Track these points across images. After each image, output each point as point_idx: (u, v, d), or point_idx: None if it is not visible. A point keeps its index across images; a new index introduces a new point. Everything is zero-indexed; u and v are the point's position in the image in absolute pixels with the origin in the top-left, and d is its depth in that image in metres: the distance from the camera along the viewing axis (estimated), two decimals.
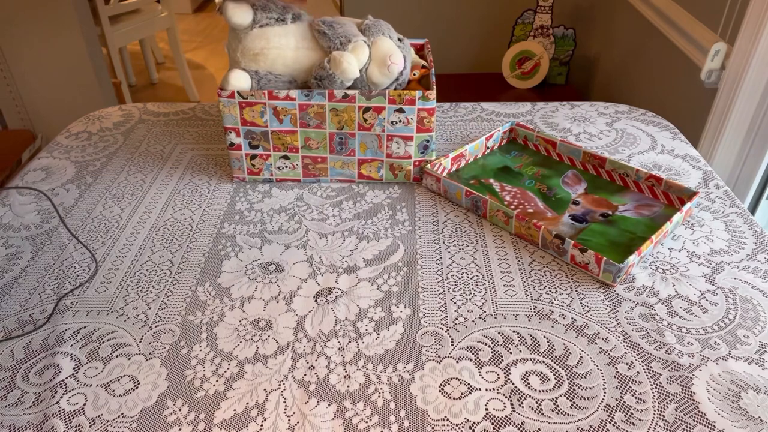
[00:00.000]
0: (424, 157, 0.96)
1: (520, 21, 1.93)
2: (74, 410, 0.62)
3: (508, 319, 0.72)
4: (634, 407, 0.61)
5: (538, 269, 0.80)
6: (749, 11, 1.07)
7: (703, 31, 1.24)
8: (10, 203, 0.96)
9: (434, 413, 0.61)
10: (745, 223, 0.88)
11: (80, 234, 0.88)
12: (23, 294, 0.77)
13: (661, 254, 0.82)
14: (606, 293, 0.76)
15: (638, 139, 1.11)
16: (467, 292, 0.76)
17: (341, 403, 0.62)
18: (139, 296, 0.76)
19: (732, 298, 0.74)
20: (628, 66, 1.68)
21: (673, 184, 0.90)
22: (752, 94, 1.10)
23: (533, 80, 1.94)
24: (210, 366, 0.66)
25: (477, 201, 0.89)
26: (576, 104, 1.25)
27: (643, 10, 1.55)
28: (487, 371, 0.65)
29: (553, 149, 1.04)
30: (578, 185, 0.96)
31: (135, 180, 1.01)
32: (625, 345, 0.68)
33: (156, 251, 0.84)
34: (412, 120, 0.92)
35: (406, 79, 0.95)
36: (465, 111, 1.23)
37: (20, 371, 0.66)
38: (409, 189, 0.98)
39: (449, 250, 0.84)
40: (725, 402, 0.61)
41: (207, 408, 0.62)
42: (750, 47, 1.07)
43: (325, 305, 0.74)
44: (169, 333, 0.71)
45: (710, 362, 0.66)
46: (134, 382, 0.65)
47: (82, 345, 0.69)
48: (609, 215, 0.89)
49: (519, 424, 0.60)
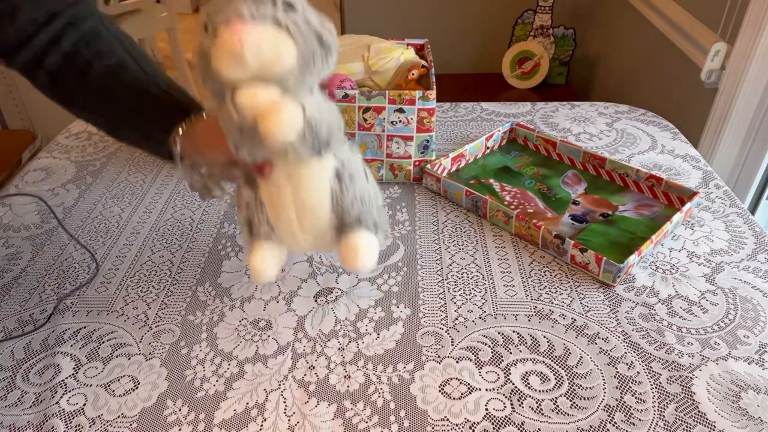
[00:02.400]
0: (424, 157, 0.96)
1: (520, 21, 1.93)
2: (74, 410, 0.62)
3: (508, 319, 0.72)
4: (634, 407, 0.61)
5: (538, 269, 0.80)
6: (749, 11, 1.07)
7: (703, 31, 1.24)
8: (10, 203, 0.96)
9: (434, 413, 0.61)
10: (745, 223, 0.88)
11: (80, 234, 0.88)
12: (23, 294, 0.77)
13: (661, 254, 0.82)
14: (606, 293, 0.76)
15: (638, 139, 1.11)
16: (467, 292, 0.76)
17: (341, 403, 0.62)
18: (139, 296, 0.76)
19: (732, 298, 0.74)
20: (628, 66, 1.68)
21: (673, 184, 0.90)
22: (752, 94, 1.10)
23: (533, 80, 1.94)
24: (210, 366, 0.66)
25: (477, 201, 0.89)
26: (576, 104, 1.25)
27: (643, 10, 1.55)
28: (487, 371, 0.65)
29: (553, 149, 1.04)
30: (578, 185, 0.96)
31: (135, 180, 1.01)
32: (625, 345, 0.68)
33: (156, 251, 0.84)
34: (412, 120, 0.92)
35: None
36: (465, 111, 1.23)
37: (20, 371, 0.66)
38: (409, 189, 0.98)
39: (449, 250, 0.84)
40: (725, 402, 0.61)
41: (207, 408, 0.62)
42: (750, 47, 1.07)
43: (325, 305, 0.74)
44: (169, 333, 0.71)
45: (710, 362, 0.66)
46: (134, 382, 0.65)
47: (82, 345, 0.69)
48: (609, 215, 0.89)
49: (519, 424, 0.60)
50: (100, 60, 0.64)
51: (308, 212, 0.62)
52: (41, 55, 0.63)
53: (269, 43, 0.51)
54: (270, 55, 0.51)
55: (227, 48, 0.50)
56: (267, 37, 0.51)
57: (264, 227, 0.64)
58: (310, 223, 0.63)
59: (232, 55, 0.50)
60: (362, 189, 0.64)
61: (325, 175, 0.62)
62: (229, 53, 0.50)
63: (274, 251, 0.66)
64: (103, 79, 0.64)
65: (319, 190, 0.62)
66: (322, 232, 0.64)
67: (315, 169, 0.61)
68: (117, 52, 0.65)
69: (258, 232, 0.65)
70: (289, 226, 0.63)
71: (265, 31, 0.51)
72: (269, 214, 0.64)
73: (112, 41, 0.66)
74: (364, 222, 0.64)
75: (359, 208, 0.64)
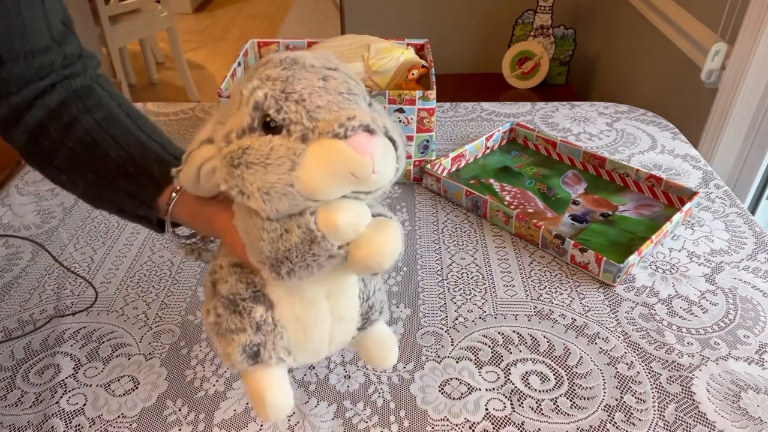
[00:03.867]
0: (424, 157, 0.96)
1: (520, 21, 1.93)
2: (74, 410, 0.62)
3: (508, 319, 0.72)
4: (634, 407, 0.61)
5: (538, 269, 0.80)
6: (749, 11, 1.07)
7: (703, 31, 1.24)
8: (10, 203, 0.96)
9: (434, 413, 0.61)
10: (745, 223, 0.88)
11: (80, 234, 0.88)
12: (23, 294, 0.77)
13: (661, 254, 0.82)
14: (606, 293, 0.76)
15: (638, 139, 1.11)
16: (467, 292, 0.76)
17: (341, 403, 0.62)
18: (139, 296, 0.76)
19: (732, 298, 0.74)
20: (629, 66, 1.68)
21: (673, 184, 0.90)
22: (752, 94, 1.10)
23: (533, 80, 1.94)
24: (210, 366, 0.66)
25: (477, 201, 0.89)
26: (576, 104, 1.25)
27: (643, 10, 1.55)
28: (487, 371, 0.65)
29: (553, 149, 1.04)
30: (578, 185, 0.96)
31: None
32: (625, 345, 0.68)
33: (156, 251, 0.84)
34: (412, 120, 0.92)
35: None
36: (465, 111, 1.23)
37: (20, 371, 0.66)
38: (409, 189, 0.98)
39: (449, 250, 0.84)
40: (725, 402, 0.61)
41: (207, 408, 0.62)
42: (750, 47, 1.07)
43: None
44: (169, 333, 0.71)
45: (710, 362, 0.66)
46: (134, 382, 0.65)
47: (82, 345, 0.69)
48: (609, 215, 0.89)
49: (519, 424, 0.60)
50: (89, 114, 0.57)
51: (344, 324, 0.51)
52: (22, 110, 0.56)
53: (388, 159, 0.41)
54: (387, 171, 0.41)
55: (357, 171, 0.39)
56: (386, 149, 0.41)
57: (281, 354, 0.50)
58: (342, 336, 0.52)
59: (365, 177, 0.39)
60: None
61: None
62: (362, 177, 0.39)
63: (285, 376, 0.52)
64: (90, 132, 0.56)
65: (354, 295, 0.51)
66: (346, 339, 0.53)
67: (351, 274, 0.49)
68: (109, 105, 0.58)
69: (267, 360, 0.49)
70: (317, 347, 0.51)
71: (384, 142, 0.41)
72: (292, 337, 0.49)
73: (103, 97, 0.59)
74: (383, 312, 0.54)
75: (380, 297, 0.53)
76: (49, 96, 0.56)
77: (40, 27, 0.55)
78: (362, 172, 0.39)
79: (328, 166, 0.39)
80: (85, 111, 0.57)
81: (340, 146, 0.38)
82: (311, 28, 3.87)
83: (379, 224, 0.44)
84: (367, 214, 0.44)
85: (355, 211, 0.43)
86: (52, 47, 0.56)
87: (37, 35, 0.55)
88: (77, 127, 0.56)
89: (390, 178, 0.42)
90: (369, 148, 0.39)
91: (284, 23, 4.04)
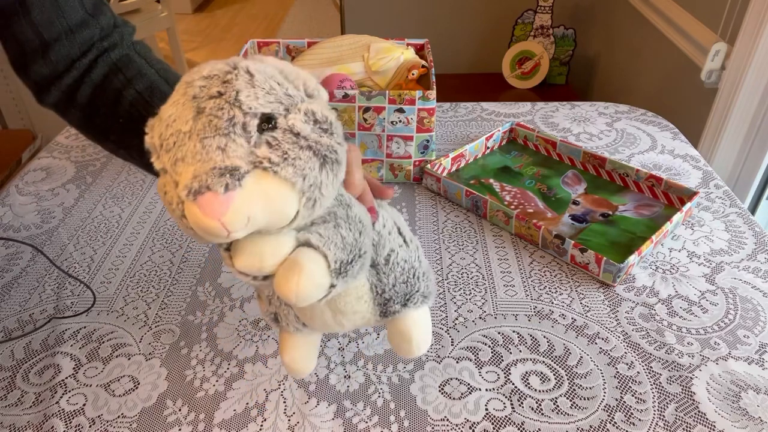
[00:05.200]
0: (424, 157, 0.96)
1: (520, 21, 1.93)
2: (74, 410, 0.62)
3: (508, 319, 0.72)
4: (634, 407, 0.61)
5: (538, 269, 0.80)
6: (749, 11, 1.07)
7: (703, 31, 1.24)
8: (10, 203, 0.96)
9: (434, 413, 0.61)
10: (745, 223, 0.88)
11: (80, 234, 0.88)
12: (23, 294, 0.77)
13: (661, 254, 0.82)
14: (606, 293, 0.76)
15: (638, 139, 1.11)
16: (467, 292, 0.76)
17: (341, 403, 0.62)
18: (139, 296, 0.76)
19: (732, 298, 0.74)
20: (628, 66, 1.68)
21: (673, 184, 0.90)
22: (752, 94, 1.10)
23: (533, 80, 1.94)
24: (210, 366, 0.66)
25: (477, 201, 0.89)
26: (576, 104, 1.25)
27: (643, 10, 1.55)
28: (487, 371, 0.65)
29: (553, 149, 1.04)
30: (578, 185, 0.96)
31: (135, 180, 1.01)
32: (625, 345, 0.68)
33: (156, 251, 0.84)
34: (412, 120, 0.92)
35: None
36: (465, 111, 1.23)
37: (20, 371, 0.66)
38: (409, 189, 0.98)
39: (449, 250, 0.84)
40: (725, 402, 0.61)
41: (207, 408, 0.62)
42: (750, 47, 1.07)
43: None
44: (169, 333, 0.71)
45: (710, 362, 0.66)
46: (134, 382, 0.65)
47: (82, 345, 0.69)
48: (609, 215, 0.89)
49: (519, 424, 0.60)
50: (130, 86, 0.58)
51: (347, 315, 0.51)
52: (74, 90, 0.59)
53: (262, 208, 0.38)
54: (268, 217, 0.39)
55: (207, 232, 0.37)
56: (254, 201, 0.37)
57: (293, 324, 0.53)
58: (351, 322, 0.52)
59: (216, 238, 0.38)
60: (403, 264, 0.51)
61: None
62: (212, 238, 0.38)
63: (308, 342, 0.56)
64: (134, 107, 0.58)
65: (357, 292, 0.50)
66: (365, 323, 0.53)
67: None
68: (148, 74, 0.60)
69: (286, 327, 0.54)
70: (325, 325, 0.52)
71: (252, 194, 0.37)
72: (298, 314, 0.52)
73: (142, 66, 0.60)
74: (412, 301, 0.52)
75: (404, 289, 0.52)
76: (95, 71, 0.58)
77: (72, 2, 0.57)
78: (215, 236, 0.37)
79: (194, 224, 0.37)
80: (127, 83, 0.59)
81: (192, 210, 0.36)
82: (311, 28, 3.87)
83: (288, 263, 0.42)
84: (276, 251, 0.42)
85: (257, 250, 0.41)
86: (88, 20, 0.58)
87: (71, 11, 0.57)
88: (123, 102, 0.58)
89: (286, 216, 0.40)
90: (215, 211, 0.36)
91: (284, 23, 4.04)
